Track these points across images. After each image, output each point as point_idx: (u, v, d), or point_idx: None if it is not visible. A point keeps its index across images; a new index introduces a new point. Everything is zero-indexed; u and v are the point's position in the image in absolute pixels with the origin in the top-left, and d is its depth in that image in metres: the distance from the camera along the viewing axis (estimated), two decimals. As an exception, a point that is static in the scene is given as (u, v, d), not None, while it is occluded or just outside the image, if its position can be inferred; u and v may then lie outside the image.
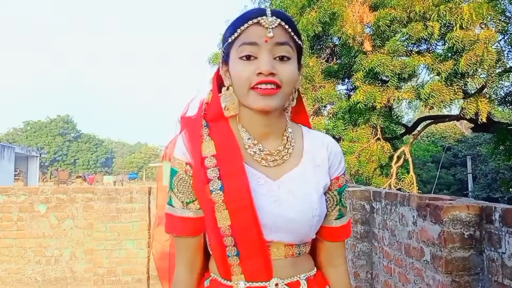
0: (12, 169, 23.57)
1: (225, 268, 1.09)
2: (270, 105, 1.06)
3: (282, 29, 1.07)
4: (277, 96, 1.06)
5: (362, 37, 7.73)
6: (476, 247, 2.28)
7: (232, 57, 1.09)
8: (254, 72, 1.04)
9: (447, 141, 22.30)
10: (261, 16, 1.06)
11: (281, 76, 1.05)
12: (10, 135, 56.73)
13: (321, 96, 8.39)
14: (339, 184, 1.20)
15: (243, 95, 1.08)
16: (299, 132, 1.20)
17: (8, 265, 6.06)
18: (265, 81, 1.04)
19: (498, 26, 6.61)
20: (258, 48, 1.05)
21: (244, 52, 1.06)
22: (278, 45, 1.06)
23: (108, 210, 6.05)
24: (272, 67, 1.04)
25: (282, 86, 1.06)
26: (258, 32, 1.05)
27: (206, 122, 1.15)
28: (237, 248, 1.06)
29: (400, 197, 3.40)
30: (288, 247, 1.11)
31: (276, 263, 1.10)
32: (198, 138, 1.12)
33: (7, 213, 6.12)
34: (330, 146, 1.20)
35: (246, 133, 1.13)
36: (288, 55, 1.07)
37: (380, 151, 8.09)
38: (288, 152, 1.14)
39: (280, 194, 1.09)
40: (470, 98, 6.88)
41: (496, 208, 2.18)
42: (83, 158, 58.93)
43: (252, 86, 1.05)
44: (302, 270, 1.14)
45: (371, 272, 4.14)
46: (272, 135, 1.15)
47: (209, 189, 1.06)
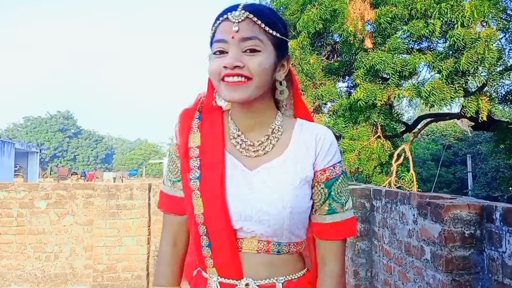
0: (12, 165, 23.57)
1: (201, 260, 1.15)
2: (238, 96, 1.08)
3: (250, 22, 1.08)
4: (246, 87, 1.08)
5: (363, 35, 7.71)
6: (477, 246, 2.28)
7: (211, 54, 1.14)
8: (221, 65, 1.08)
9: (447, 139, 22.30)
10: (230, 11, 1.10)
11: (249, 67, 1.07)
12: (10, 130, 56.73)
13: (322, 93, 8.37)
14: (327, 177, 1.15)
15: (216, 88, 1.14)
16: (291, 124, 1.20)
17: (8, 261, 6.07)
18: (231, 74, 1.07)
19: (499, 24, 6.60)
20: (227, 44, 1.09)
21: (216, 48, 1.11)
22: (245, 40, 1.08)
23: (108, 207, 6.05)
24: (238, 60, 1.07)
25: (252, 77, 1.07)
26: (226, 28, 1.09)
27: (200, 114, 1.21)
28: (208, 237, 1.11)
29: (401, 195, 3.40)
30: (263, 242, 1.11)
31: (247, 259, 1.10)
32: (187, 129, 1.19)
33: (7, 209, 6.13)
34: (319, 136, 1.17)
35: (234, 124, 1.18)
36: (258, 48, 1.08)
37: (380, 149, 8.08)
38: (271, 143, 1.16)
39: (254, 183, 1.11)
40: (471, 96, 6.86)
41: (497, 207, 2.18)
42: (83, 154, 58.95)
43: (221, 78, 1.09)
44: (280, 272, 1.12)
45: (371, 270, 4.14)
46: (257, 127, 1.17)
47: (189, 177, 1.14)
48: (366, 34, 7.72)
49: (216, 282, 1.12)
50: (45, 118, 58.14)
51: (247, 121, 1.17)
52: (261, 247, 1.11)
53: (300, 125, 1.20)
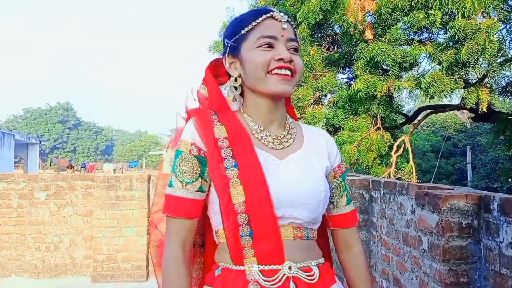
0: (12, 156, 23.60)
1: (237, 251, 1.12)
2: (288, 89, 1.16)
3: (289, 24, 1.19)
4: (292, 82, 1.17)
5: (364, 26, 7.66)
6: (474, 236, 2.29)
7: (247, 48, 1.17)
8: (273, 58, 1.14)
9: (447, 131, 22.30)
10: (272, 11, 1.17)
11: (295, 65, 1.16)
12: (10, 122, 56.72)
13: (322, 84, 8.35)
14: (342, 171, 1.31)
15: (259, 80, 1.16)
16: (297, 124, 1.31)
17: (8, 251, 6.10)
18: (284, 66, 1.14)
19: (500, 15, 6.56)
20: (276, 41, 1.15)
21: (264, 43, 1.15)
22: (291, 40, 1.18)
23: (107, 198, 6.07)
24: (290, 55, 1.15)
25: (295, 75, 1.17)
26: (273, 25, 1.16)
27: (214, 111, 1.22)
28: (250, 226, 1.10)
29: (399, 186, 3.40)
30: (296, 229, 1.15)
31: (286, 244, 1.12)
32: (209, 123, 1.19)
33: (7, 200, 6.14)
34: (327, 137, 1.32)
35: (252, 121, 1.21)
36: (297, 49, 1.20)
37: (380, 140, 8.07)
38: (291, 137, 1.23)
39: (288, 170, 1.16)
40: (471, 87, 6.84)
41: (495, 197, 2.18)
42: (83, 145, 59.01)
43: (269, 70, 1.14)
44: (312, 256, 1.18)
45: (369, 260, 4.16)
46: (276, 122, 1.23)
47: (224, 167, 1.13)
48: (366, 25, 7.68)
49: (257, 271, 1.10)
50: (45, 110, 58.10)
51: (268, 116, 1.22)
52: (296, 233, 1.15)
53: (303, 125, 1.33)
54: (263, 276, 1.09)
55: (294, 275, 1.11)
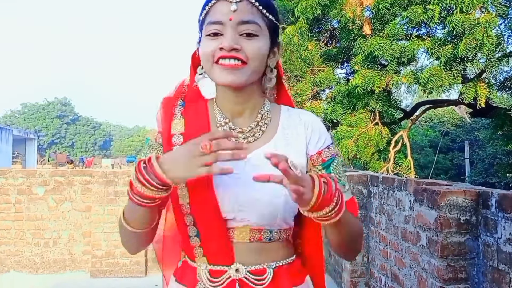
0: (10, 152, 23.56)
1: (189, 249, 1.11)
2: (235, 80, 1.05)
3: (248, 3, 1.05)
4: (243, 71, 1.05)
5: (362, 20, 7.64)
6: (472, 232, 2.30)
7: (202, 36, 1.09)
8: (217, 47, 1.04)
9: (445, 126, 22.32)
10: None
11: (246, 51, 1.04)
12: (7, 117, 56.55)
13: (320, 79, 8.34)
14: (323, 159, 1.14)
15: (209, 70, 1.08)
16: (277, 110, 1.18)
17: (7, 247, 6.10)
18: (227, 56, 1.03)
19: (498, 10, 6.55)
20: (223, 26, 1.04)
21: (210, 30, 1.06)
22: (243, 23, 1.04)
23: (106, 193, 6.07)
24: (236, 43, 1.03)
25: (248, 62, 1.05)
26: (223, 9, 1.05)
27: (183, 102, 1.17)
28: (197, 227, 1.07)
29: (397, 181, 3.41)
30: (255, 231, 1.07)
31: (238, 247, 1.07)
32: (170, 115, 1.14)
33: (5, 195, 6.14)
34: (308, 122, 1.17)
35: (220, 112, 1.13)
36: (255, 33, 1.05)
37: (378, 135, 8.08)
38: (261, 129, 1.12)
39: (245, 171, 1.03)
40: (469, 83, 6.84)
41: (493, 193, 2.19)
42: (81, 141, 58.90)
43: (215, 60, 1.05)
44: (271, 258, 1.09)
45: (368, 256, 4.17)
46: (246, 113, 1.13)
47: None
48: (364, 20, 7.66)
49: (205, 270, 1.08)
50: (43, 105, 57.91)
51: (236, 107, 1.13)
52: (254, 235, 1.08)
53: (286, 111, 1.19)
54: (210, 277, 1.07)
55: (241, 278, 1.06)
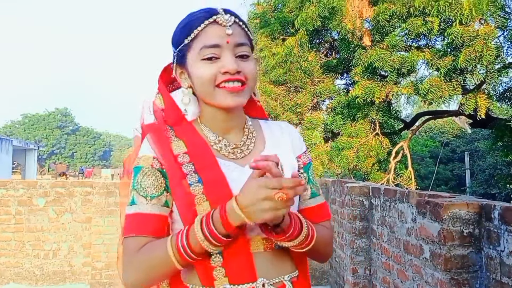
0: (10, 162, 23.52)
1: (207, 272, 1.05)
2: (238, 101, 1.09)
3: (238, 26, 1.10)
4: (245, 92, 1.10)
5: (361, 32, 7.71)
6: (475, 245, 2.29)
7: (192, 59, 1.09)
8: (218, 71, 1.06)
9: (446, 136, 22.34)
10: (215, 14, 1.08)
11: (245, 73, 1.08)
12: (8, 127, 56.57)
13: (320, 90, 8.39)
14: (304, 162, 1.22)
15: (208, 94, 1.09)
16: (257, 124, 1.24)
17: (7, 258, 6.06)
18: (232, 79, 1.06)
19: (497, 22, 6.60)
20: (220, 49, 1.07)
21: (207, 54, 1.07)
22: (239, 45, 1.08)
23: (106, 204, 6.05)
24: (238, 65, 1.07)
25: (247, 83, 1.09)
26: (217, 32, 1.07)
27: (170, 126, 1.16)
28: None
29: (399, 193, 3.40)
30: (266, 239, 1.07)
31: (257, 258, 1.06)
32: (166, 139, 1.12)
33: (5, 207, 6.12)
34: (287, 130, 1.25)
35: (210, 131, 1.15)
36: (248, 54, 1.10)
37: (378, 146, 8.09)
38: (251, 142, 1.17)
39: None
40: (469, 94, 6.88)
41: (496, 206, 2.18)
42: (81, 151, 58.84)
43: (217, 84, 1.07)
44: (285, 270, 1.11)
45: (370, 268, 4.15)
46: (234, 129, 1.17)
47: (187, 183, 1.06)
48: (364, 31, 7.72)
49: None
50: (43, 115, 57.96)
51: (225, 124, 1.15)
52: (267, 244, 1.08)
53: (264, 123, 1.25)
54: None
55: None
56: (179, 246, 0.99)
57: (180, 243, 0.99)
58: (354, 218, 4.21)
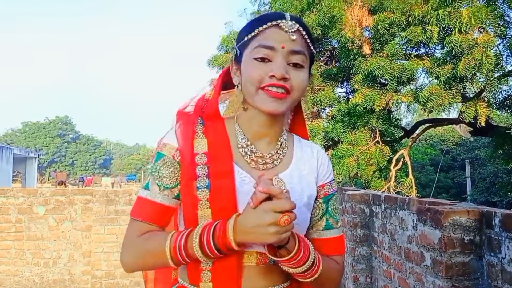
0: (10, 170, 23.51)
1: (195, 272, 1.07)
2: (278, 109, 1.07)
3: (299, 34, 1.08)
4: (286, 101, 1.07)
5: (361, 40, 7.74)
6: (476, 252, 2.29)
7: (246, 56, 1.09)
8: (266, 74, 1.05)
9: (446, 144, 22.32)
10: (280, 19, 1.07)
11: (292, 82, 1.06)
12: (8, 136, 56.62)
13: (320, 98, 8.40)
14: (325, 193, 1.19)
15: (251, 94, 1.08)
16: (291, 140, 1.21)
17: (6, 267, 6.05)
18: (276, 85, 1.04)
19: (497, 30, 6.62)
20: (274, 52, 1.05)
21: (260, 54, 1.06)
22: (294, 53, 1.06)
23: (106, 212, 6.05)
24: (286, 72, 1.05)
25: (291, 92, 1.06)
26: (276, 36, 1.06)
27: (202, 120, 1.15)
28: None
29: (400, 201, 3.40)
30: (262, 254, 1.07)
31: (247, 271, 1.06)
32: (191, 133, 1.12)
33: (5, 215, 6.11)
34: (319, 155, 1.21)
35: (242, 133, 1.14)
36: (302, 64, 1.08)
37: (379, 154, 8.09)
38: (279, 158, 1.14)
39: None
40: (469, 102, 6.89)
41: (496, 213, 2.18)
42: (82, 159, 58.85)
43: (261, 86, 1.05)
44: (274, 282, 1.09)
45: (371, 276, 4.14)
46: (267, 138, 1.14)
47: (195, 186, 1.06)
48: (364, 40, 7.75)
49: None
50: (44, 124, 58.06)
51: (260, 130, 1.13)
52: (261, 259, 1.07)
53: (298, 141, 1.22)
54: None
55: None
56: (176, 246, 1.01)
57: (177, 244, 1.01)
58: (355, 225, 4.21)
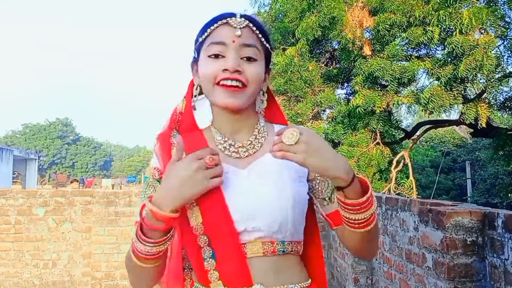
0: (11, 172, 23.51)
1: (203, 274, 1.06)
2: (235, 102, 1.09)
3: (249, 30, 1.11)
4: (243, 94, 1.09)
5: (362, 42, 7.73)
6: (479, 253, 2.27)
7: (201, 56, 1.12)
8: (220, 69, 1.07)
9: (446, 146, 22.31)
10: (230, 17, 1.10)
11: (246, 75, 1.08)
12: (8, 137, 56.63)
13: (321, 100, 8.39)
14: None
15: (209, 91, 1.11)
16: (271, 127, 1.22)
17: (6, 268, 6.03)
18: (230, 78, 1.07)
19: (497, 31, 6.62)
20: (226, 47, 1.08)
21: (212, 51, 1.09)
22: (245, 46, 1.09)
23: (106, 214, 6.03)
24: (238, 65, 1.07)
25: (247, 85, 1.09)
26: (226, 32, 1.09)
27: (177, 133, 1.17)
28: (212, 247, 1.04)
29: (401, 202, 3.38)
30: (267, 243, 1.06)
31: (254, 263, 1.04)
32: (168, 146, 1.14)
33: (5, 216, 6.10)
34: None
35: (218, 133, 1.16)
36: (255, 57, 1.10)
37: (379, 155, 8.07)
38: (259, 142, 1.16)
39: (248, 180, 1.08)
40: (470, 103, 6.87)
41: (499, 214, 2.16)
42: (82, 161, 58.84)
43: (217, 81, 1.08)
44: (289, 279, 1.07)
45: (371, 277, 4.12)
46: (243, 130, 1.17)
47: None
48: (364, 41, 7.75)
49: None
50: (44, 125, 58.07)
51: (234, 125, 1.16)
52: (267, 248, 1.06)
53: (278, 127, 1.22)
54: None
55: None
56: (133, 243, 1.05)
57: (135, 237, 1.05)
58: (355, 227, 4.18)
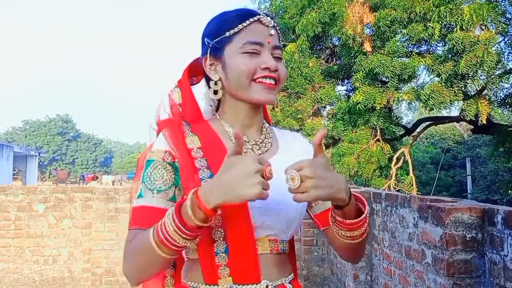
0: (11, 168, 23.53)
1: (211, 270, 1.04)
2: (272, 98, 1.14)
3: (275, 30, 1.15)
4: (276, 91, 1.15)
5: (362, 38, 7.71)
6: (478, 249, 2.26)
7: (231, 52, 1.12)
8: (257, 66, 1.10)
9: (447, 142, 22.30)
10: (258, 15, 1.13)
11: (279, 73, 1.13)
12: (9, 134, 56.64)
13: (321, 96, 8.37)
14: None
15: (243, 87, 1.11)
16: (270, 127, 1.27)
17: (6, 264, 6.04)
18: (270, 76, 1.11)
19: (498, 27, 6.60)
20: (262, 47, 1.11)
21: (249, 49, 1.10)
22: (276, 48, 1.14)
23: (106, 210, 6.03)
24: (276, 65, 1.12)
25: (278, 83, 1.14)
26: (261, 31, 1.12)
27: (186, 122, 1.17)
28: (226, 242, 1.03)
29: (401, 198, 3.38)
30: (273, 241, 1.10)
31: (263, 260, 1.07)
32: (180, 133, 1.13)
33: (5, 212, 6.10)
34: (300, 139, 1.29)
35: (230, 126, 1.16)
36: (281, 57, 1.17)
37: (379, 152, 8.06)
38: (269, 141, 1.19)
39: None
40: (470, 99, 6.86)
41: (499, 210, 2.16)
42: (82, 157, 58.88)
43: (254, 78, 1.10)
44: (285, 273, 1.13)
45: (371, 274, 4.12)
46: (254, 127, 1.19)
47: (198, 178, 1.05)
48: (365, 37, 7.72)
49: None
50: (44, 122, 58.07)
51: (247, 120, 1.17)
52: (273, 246, 1.10)
53: (277, 130, 1.30)
54: None
55: None
56: (158, 229, 0.94)
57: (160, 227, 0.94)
58: (355, 223, 4.18)
